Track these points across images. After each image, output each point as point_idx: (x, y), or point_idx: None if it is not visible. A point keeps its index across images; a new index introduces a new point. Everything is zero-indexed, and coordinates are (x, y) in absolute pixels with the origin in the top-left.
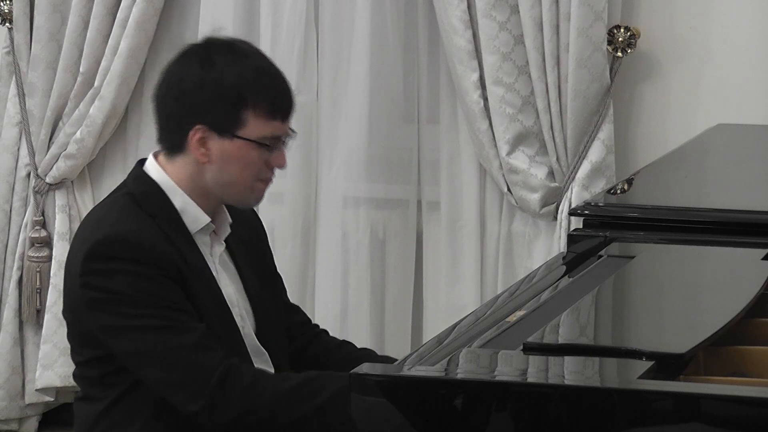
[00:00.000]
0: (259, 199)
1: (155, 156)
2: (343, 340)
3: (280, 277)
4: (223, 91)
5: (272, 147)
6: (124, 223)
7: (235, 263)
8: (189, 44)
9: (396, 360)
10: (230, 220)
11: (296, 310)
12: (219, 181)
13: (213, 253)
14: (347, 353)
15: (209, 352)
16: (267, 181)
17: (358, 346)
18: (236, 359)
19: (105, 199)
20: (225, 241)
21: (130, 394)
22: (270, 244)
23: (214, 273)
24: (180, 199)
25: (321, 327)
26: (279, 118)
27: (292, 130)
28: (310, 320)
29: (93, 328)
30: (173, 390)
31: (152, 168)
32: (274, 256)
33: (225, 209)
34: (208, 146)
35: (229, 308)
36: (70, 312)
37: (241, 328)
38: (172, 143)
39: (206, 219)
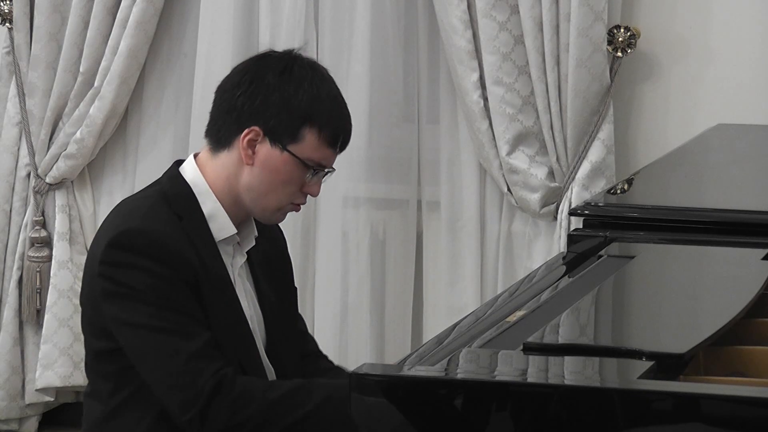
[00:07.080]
0: (280, 219)
1: (195, 156)
2: (337, 366)
3: (296, 292)
4: (294, 103)
5: (314, 173)
6: (151, 219)
7: (253, 277)
8: (270, 51)
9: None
10: (256, 233)
11: (308, 340)
12: (252, 187)
13: (234, 264)
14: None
15: (208, 360)
16: (298, 205)
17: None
18: (231, 369)
19: (137, 193)
20: (247, 253)
21: (140, 392)
22: None
23: (233, 283)
24: (210, 205)
25: (322, 352)
26: (334, 148)
27: (333, 168)
28: (317, 352)
29: (106, 318)
30: (167, 394)
31: (189, 169)
32: None
33: (253, 221)
34: (255, 149)
35: (245, 318)
36: (86, 299)
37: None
38: (222, 137)
39: (233, 230)
